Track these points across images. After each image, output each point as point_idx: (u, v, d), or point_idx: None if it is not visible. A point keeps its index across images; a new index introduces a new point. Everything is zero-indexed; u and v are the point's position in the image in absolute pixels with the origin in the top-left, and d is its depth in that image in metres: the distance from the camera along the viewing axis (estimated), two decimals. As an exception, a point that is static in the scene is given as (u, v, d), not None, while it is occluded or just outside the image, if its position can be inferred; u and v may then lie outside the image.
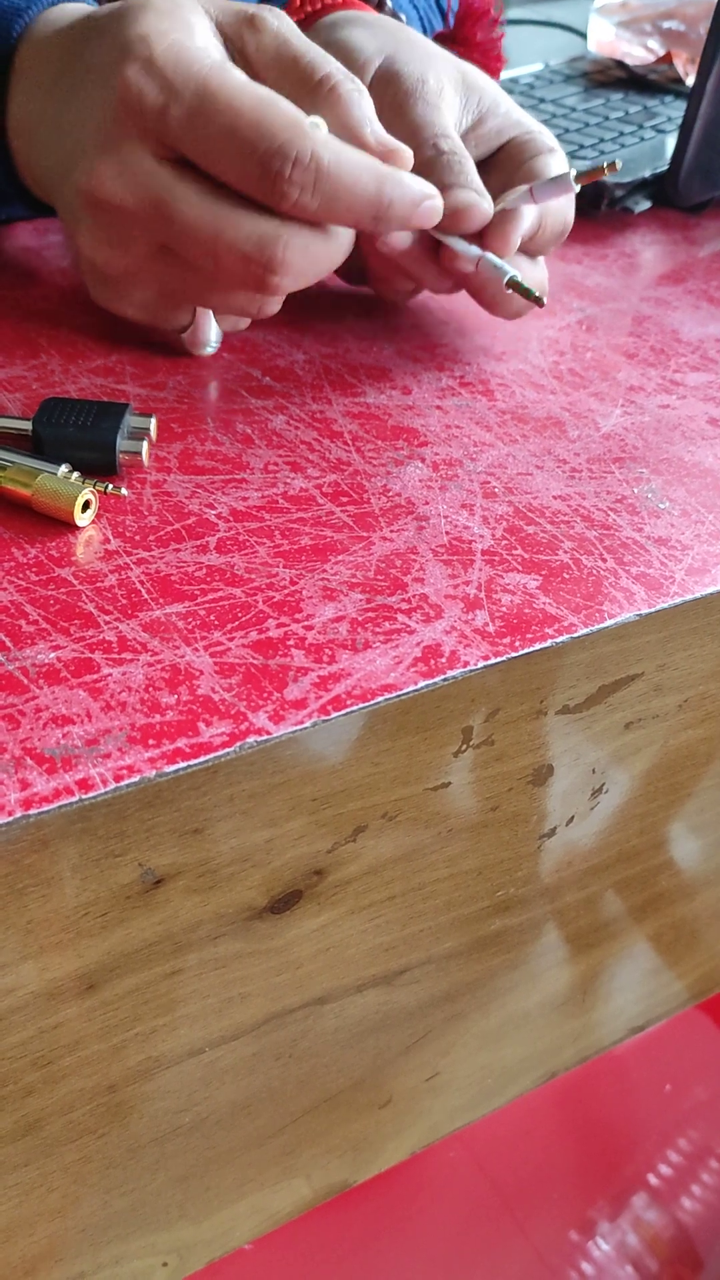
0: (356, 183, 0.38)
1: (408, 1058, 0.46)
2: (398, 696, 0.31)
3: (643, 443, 0.43)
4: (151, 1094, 0.37)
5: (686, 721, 0.42)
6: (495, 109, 0.48)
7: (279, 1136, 0.43)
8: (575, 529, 0.38)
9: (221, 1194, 0.44)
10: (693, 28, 0.86)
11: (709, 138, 0.61)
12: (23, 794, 0.27)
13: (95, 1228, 0.40)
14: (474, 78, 0.48)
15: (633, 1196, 1.01)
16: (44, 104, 0.42)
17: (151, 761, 0.28)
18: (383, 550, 0.36)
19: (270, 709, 0.30)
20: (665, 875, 0.50)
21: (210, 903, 0.33)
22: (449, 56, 0.48)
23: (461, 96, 0.47)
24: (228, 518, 0.37)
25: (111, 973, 0.32)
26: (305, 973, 0.37)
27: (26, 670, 0.30)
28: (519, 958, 0.47)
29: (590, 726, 0.38)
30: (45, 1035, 0.32)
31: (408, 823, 0.36)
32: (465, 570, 0.36)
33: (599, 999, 0.55)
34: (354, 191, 0.38)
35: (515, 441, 0.42)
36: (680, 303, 0.55)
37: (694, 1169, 1.03)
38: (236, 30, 0.41)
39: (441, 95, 0.46)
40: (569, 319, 0.52)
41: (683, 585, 0.36)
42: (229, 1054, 0.38)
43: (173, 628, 0.32)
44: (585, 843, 0.43)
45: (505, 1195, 0.98)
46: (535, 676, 0.34)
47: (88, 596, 0.33)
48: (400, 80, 0.46)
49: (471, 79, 0.48)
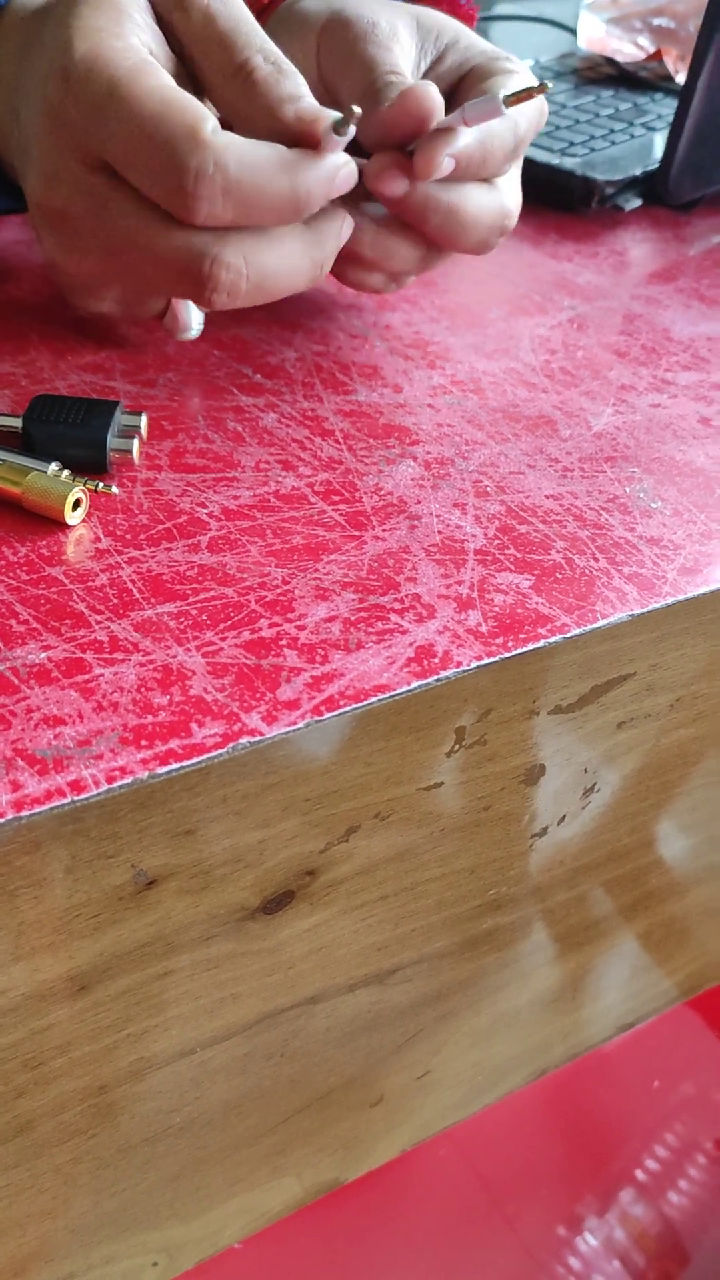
0: (269, 183, 0.37)
1: (399, 1056, 0.46)
2: (391, 697, 0.31)
3: (634, 442, 0.43)
4: (143, 1094, 0.37)
5: (678, 721, 0.42)
6: (455, 44, 0.46)
7: (270, 1136, 0.43)
8: (567, 528, 0.38)
9: (212, 1193, 0.44)
10: (683, 25, 0.86)
11: (700, 135, 0.61)
12: (14, 795, 0.27)
13: (86, 1228, 0.40)
14: (429, 17, 0.47)
15: (620, 1192, 1.02)
16: (8, 96, 0.42)
17: (144, 762, 0.28)
18: (375, 549, 0.36)
19: (263, 709, 0.30)
20: (655, 874, 0.50)
21: (202, 903, 0.32)
22: (400, 4, 0.47)
23: (417, 39, 0.46)
24: (219, 516, 0.37)
25: (103, 974, 0.32)
26: (297, 973, 0.37)
27: (17, 670, 0.30)
28: (510, 956, 0.47)
29: (582, 726, 0.38)
30: (36, 1037, 0.32)
31: (400, 823, 0.36)
32: (458, 570, 0.36)
33: (589, 997, 0.55)
34: (266, 192, 0.37)
35: (507, 440, 0.42)
36: (671, 301, 0.55)
37: (681, 1164, 1.03)
38: (167, 11, 0.40)
39: (394, 37, 0.44)
40: (560, 317, 0.52)
41: (675, 585, 0.36)
42: (220, 1054, 0.38)
43: (164, 628, 0.32)
44: (576, 842, 0.43)
45: (494, 1191, 0.98)
46: (528, 676, 0.34)
47: (79, 596, 0.33)
48: (349, 25, 0.44)
49: (426, 19, 0.46)
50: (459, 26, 0.47)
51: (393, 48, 0.44)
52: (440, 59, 0.46)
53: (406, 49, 0.45)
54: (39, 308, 0.47)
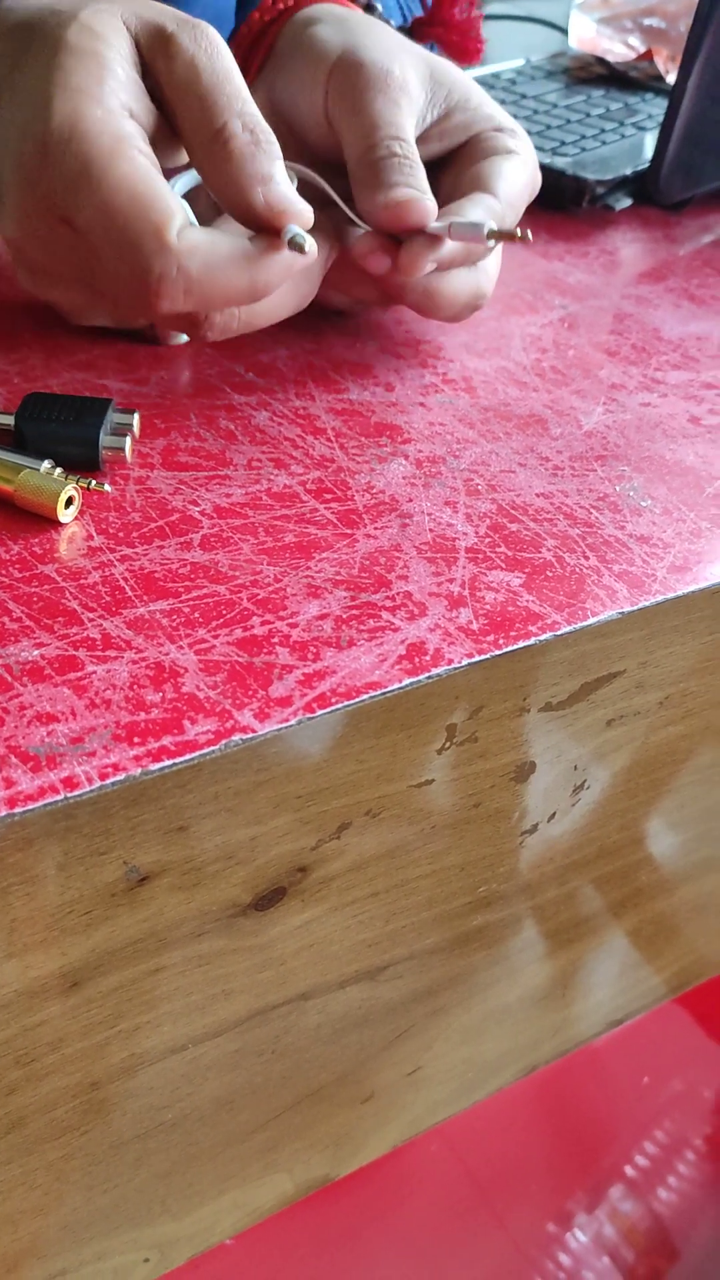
0: (228, 283, 0.37)
1: (390, 1053, 0.46)
2: (382, 694, 0.31)
3: (624, 441, 0.43)
4: (134, 1091, 0.37)
5: (667, 718, 0.42)
6: (465, 103, 0.47)
7: (261, 1132, 0.44)
8: (558, 527, 0.38)
9: (203, 1189, 0.44)
10: (673, 25, 0.86)
11: (690, 136, 0.61)
12: (7, 792, 0.27)
13: (78, 1224, 0.40)
14: (443, 71, 0.47)
15: (610, 1188, 1.02)
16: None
17: (137, 759, 0.28)
18: (367, 547, 0.36)
19: (255, 707, 0.30)
20: (644, 871, 0.50)
21: (194, 900, 0.33)
22: (417, 49, 0.47)
23: (428, 90, 0.46)
24: (211, 514, 0.37)
25: (95, 970, 0.32)
26: (289, 969, 0.37)
27: (10, 668, 0.30)
28: (500, 953, 0.47)
29: (573, 724, 0.38)
30: (28, 1033, 0.32)
31: (391, 820, 0.36)
32: (449, 568, 0.36)
33: (578, 993, 0.55)
34: (226, 290, 0.38)
35: (498, 439, 0.43)
36: (661, 301, 0.55)
37: (670, 1160, 1.04)
38: (152, 57, 0.39)
39: (404, 89, 0.44)
40: (551, 316, 0.52)
41: (664, 583, 0.36)
42: (212, 1050, 0.38)
43: (157, 625, 0.32)
44: (566, 839, 0.43)
45: (484, 1188, 0.98)
46: (519, 674, 0.35)
47: (71, 593, 0.33)
48: (363, 70, 0.44)
49: (440, 72, 0.47)
50: (470, 85, 0.47)
51: (401, 103, 0.44)
52: (447, 115, 0.46)
53: (415, 101, 0.45)
54: (31, 306, 0.47)
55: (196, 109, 0.39)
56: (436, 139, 0.47)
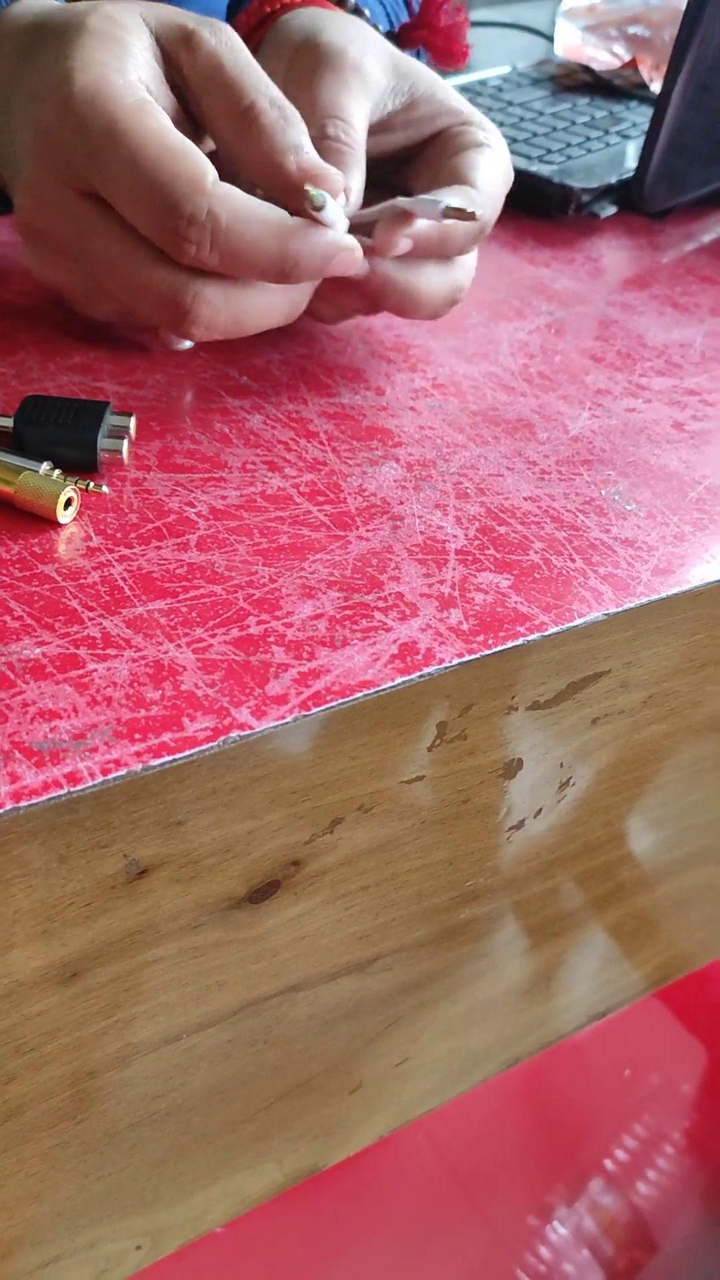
0: (257, 241, 0.37)
1: (378, 1043, 0.47)
2: (375, 692, 0.32)
3: (610, 445, 0.44)
4: (129, 1080, 0.38)
5: (651, 717, 0.43)
6: (430, 95, 0.47)
7: (252, 1121, 0.44)
8: (545, 530, 0.39)
9: (195, 1178, 0.45)
10: (657, 33, 0.87)
11: (674, 145, 0.62)
12: (12, 787, 0.28)
13: (71, 1211, 0.41)
14: (408, 64, 0.47)
15: (590, 1181, 1.03)
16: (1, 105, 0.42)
17: (138, 755, 0.29)
18: (359, 549, 0.37)
19: (252, 704, 0.31)
20: (626, 867, 0.51)
21: (191, 892, 0.33)
22: (385, 43, 0.47)
23: (390, 79, 0.46)
24: (207, 516, 0.38)
25: (94, 961, 0.33)
26: (281, 961, 0.38)
27: (13, 666, 0.31)
28: (486, 946, 0.48)
29: (559, 722, 0.39)
30: (28, 1023, 0.33)
31: (383, 815, 0.37)
32: (439, 569, 0.37)
33: (561, 987, 0.56)
34: (255, 249, 0.38)
35: (487, 443, 0.43)
36: (646, 308, 0.56)
37: (649, 1154, 1.05)
38: (174, 50, 0.40)
39: (358, 71, 0.45)
40: (538, 322, 0.53)
41: (649, 585, 0.37)
42: (205, 1040, 0.39)
43: (155, 624, 0.33)
44: (551, 835, 0.44)
45: (465, 1181, 0.99)
46: (507, 673, 0.36)
47: (71, 593, 0.34)
48: (318, 50, 0.45)
49: (405, 64, 0.47)
50: (436, 80, 0.48)
51: (351, 84, 0.44)
52: (412, 105, 0.47)
53: (369, 85, 0.45)
54: (27, 309, 0.48)
55: (222, 94, 0.40)
56: (401, 128, 0.47)
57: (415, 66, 0.48)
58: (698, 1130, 1.07)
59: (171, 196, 0.37)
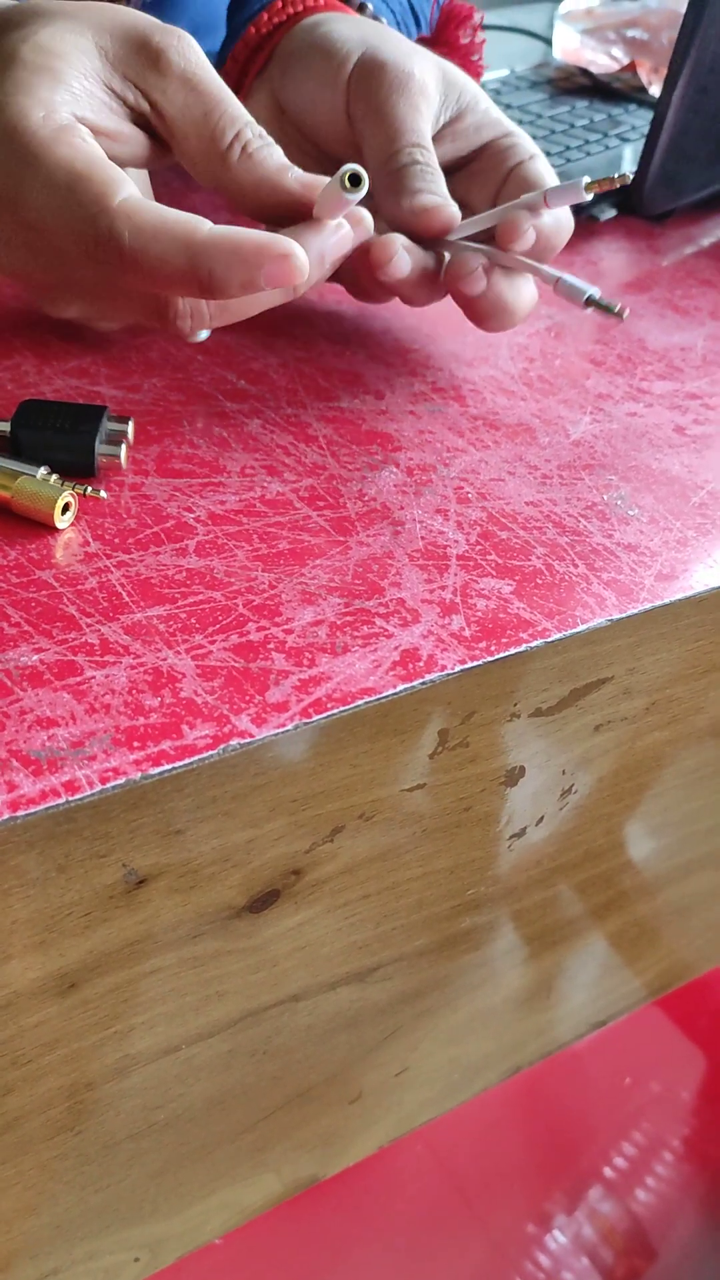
0: (161, 257, 0.36)
1: (378, 1053, 0.46)
2: (376, 700, 0.32)
3: (611, 450, 0.44)
4: (128, 1091, 0.37)
5: (653, 724, 0.43)
6: (475, 106, 0.48)
7: (251, 1132, 0.44)
8: (547, 535, 0.39)
9: (194, 1189, 0.44)
10: (656, 36, 0.87)
11: (674, 148, 0.62)
12: (10, 796, 0.27)
13: (69, 1224, 0.40)
14: (454, 74, 0.48)
15: (589, 1189, 1.03)
16: None
17: (136, 764, 0.29)
18: (360, 555, 0.37)
19: (252, 711, 0.31)
20: (628, 874, 0.51)
21: (191, 902, 0.33)
22: (429, 53, 0.48)
23: (442, 93, 0.47)
24: (206, 521, 0.37)
25: (92, 972, 0.32)
26: (281, 970, 0.38)
27: (10, 673, 0.31)
28: (486, 955, 0.47)
29: (561, 729, 0.39)
30: (26, 1034, 0.32)
31: (384, 823, 0.36)
32: (441, 575, 0.36)
33: (561, 995, 0.56)
34: (162, 266, 0.36)
35: (487, 447, 0.43)
36: (646, 311, 0.56)
37: (648, 1162, 1.05)
38: (138, 69, 0.39)
39: (424, 92, 0.46)
40: (538, 325, 0.53)
41: (652, 591, 0.37)
42: (205, 1051, 0.38)
43: (154, 630, 0.33)
44: (553, 842, 0.44)
45: (465, 1190, 0.99)
46: (509, 680, 0.35)
47: (69, 599, 0.33)
48: (385, 71, 0.45)
49: (451, 74, 0.48)
50: (478, 90, 0.49)
51: (421, 107, 0.45)
52: (459, 117, 0.48)
53: (432, 104, 0.46)
54: (22, 312, 0.47)
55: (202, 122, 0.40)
56: (449, 140, 0.48)
57: (459, 76, 0.48)
58: (697, 1138, 1.06)
59: (82, 220, 0.36)
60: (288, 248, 0.36)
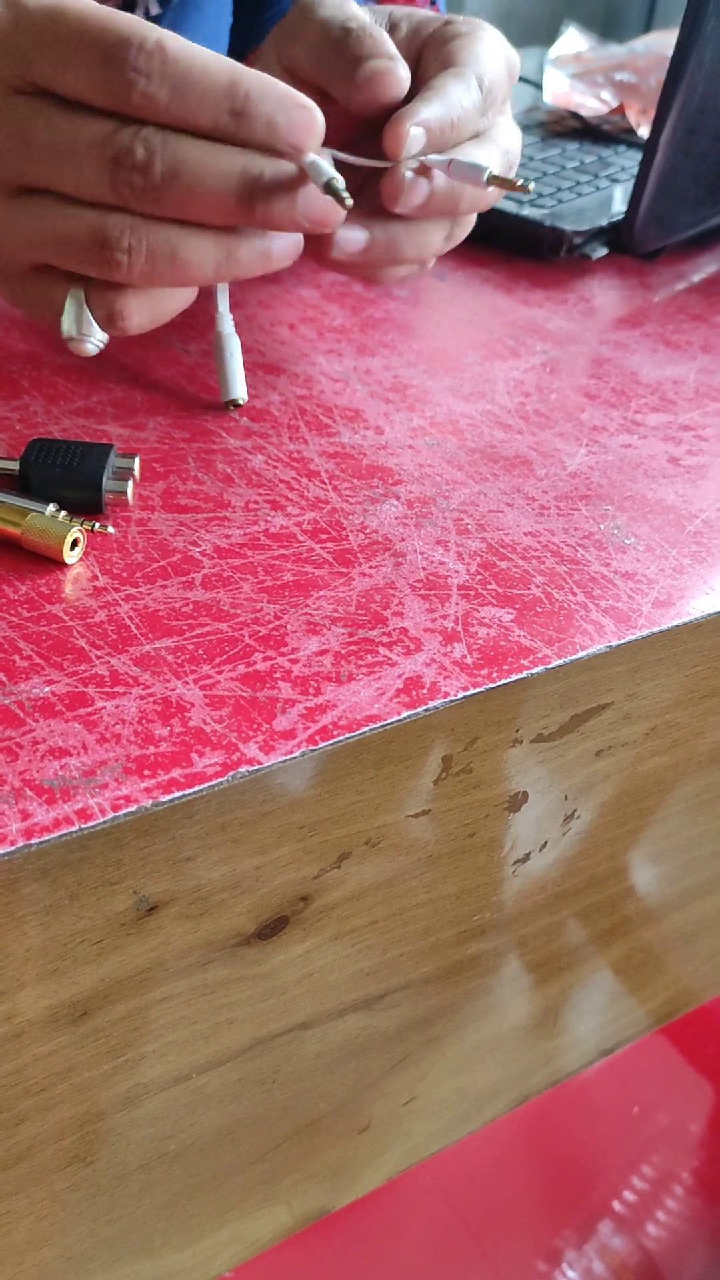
0: (205, 70, 0.36)
1: (386, 1082, 0.46)
2: (381, 726, 0.32)
3: (607, 481, 0.45)
4: (139, 1120, 0.37)
5: (653, 749, 0.43)
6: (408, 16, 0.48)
7: (261, 1163, 0.44)
8: (546, 564, 0.40)
9: (204, 1221, 0.44)
10: (644, 80, 0.89)
11: (663, 188, 0.63)
12: (24, 824, 0.28)
13: (81, 1256, 0.40)
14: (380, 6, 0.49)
15: (599, 1223, 1.02)
16: None
17: (147, 791, 0.29)
18: (362, 585, 0.37)
19: (260, 739, 0.31)
20: (631, 900, 0.51)
21: (201, 929, 0.33)
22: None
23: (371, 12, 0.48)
24: (211, 554, 0.38)
25: (104, 1000, 0.33)
26: (290, 998, 0.38)
27: (22, 704, 0.31)
28: (492, 982, 0.48)
29: (563, 754, 0.40)
30: (39, 1063, 0.33)
31: (390, 849, 0.37)
32: (442, 604, 0.37)
33: (568, 1023, 0.56)
34: (204, 80, 0.36)
35: (486, 480, 0.44)
36: (638, 345, 0.57)
37: (658, 1195, 1.04)
38: None
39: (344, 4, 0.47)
40: (533, 361, 0.54)
41: (650, 618, 0.38)
42: (214, 1080, 0.39)
43: (163, 662, 0.33)
44: (557, 868, 0.45)
45: (472, 1226, 0.98)
46: (511, 706, 0.36)
47: (79, 632, 0.34)
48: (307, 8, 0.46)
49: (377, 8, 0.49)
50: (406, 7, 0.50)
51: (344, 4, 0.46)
52: (393, 29, 0.49)
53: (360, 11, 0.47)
54: (29, 354, 0.48)
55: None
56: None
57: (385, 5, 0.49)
58: (706, 1170, 1.06)
59: (120, 34, 0.36)
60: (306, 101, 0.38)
